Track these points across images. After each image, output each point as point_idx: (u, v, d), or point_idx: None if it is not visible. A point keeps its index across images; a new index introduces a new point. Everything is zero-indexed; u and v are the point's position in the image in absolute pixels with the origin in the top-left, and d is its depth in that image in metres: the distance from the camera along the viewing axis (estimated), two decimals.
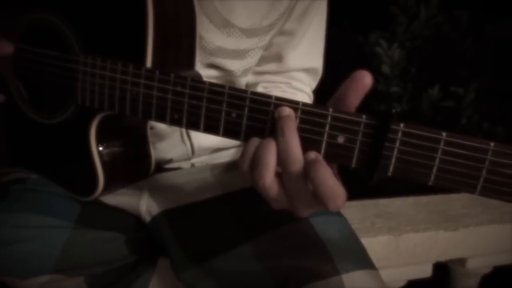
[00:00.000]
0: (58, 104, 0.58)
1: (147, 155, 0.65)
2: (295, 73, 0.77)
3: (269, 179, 0.41)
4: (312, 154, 0.41)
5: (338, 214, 0.63)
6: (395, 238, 0.84)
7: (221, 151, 0.75)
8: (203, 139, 0.70)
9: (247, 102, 0.44)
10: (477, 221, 0.96)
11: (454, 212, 0.99)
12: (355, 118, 0.40)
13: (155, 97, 0.49)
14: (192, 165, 0.72)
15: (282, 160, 0.41)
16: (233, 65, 0.70)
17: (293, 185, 0.41)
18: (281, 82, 0.77)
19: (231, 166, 0.73)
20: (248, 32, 0.69)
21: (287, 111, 0.41)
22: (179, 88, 0.48)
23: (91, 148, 0.56)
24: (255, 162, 0.42)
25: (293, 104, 0.43)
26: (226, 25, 0.67)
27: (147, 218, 0.66)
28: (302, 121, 0.42)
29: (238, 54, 0.70)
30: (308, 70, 0.78)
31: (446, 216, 0.97)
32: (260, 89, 0.77)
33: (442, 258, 1.00)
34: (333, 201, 0.40)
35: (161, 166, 0.71)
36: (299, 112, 0.42)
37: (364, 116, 0.40)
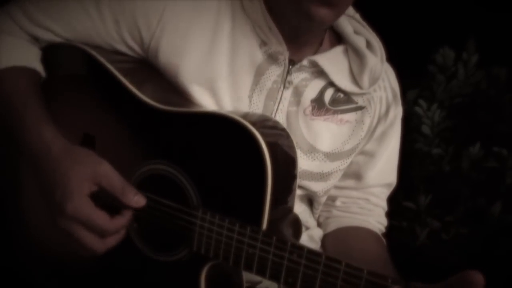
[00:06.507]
0: (171, 245, 0.64)
1: (241, 283, 0.70)
2: (373, 189, 0.82)
3: None
4: None
5: None
6: None
7: None
8: None
9: (363, 282, 0.49)
10: None
11: None
12: None
13: (271, 260, 0.55)
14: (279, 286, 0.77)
15: None
16: (317, 186, 0.76)
17: None
18: (359, 198, 0.82)
19: None
20: (331, 156, 0.75)
21: None
22: (295, 257, 0.53)
23: None
24: None
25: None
26: (311, 150, 0.73)
27: None
28: None
29: (322, 176, 0.76)
30: (384, 185, 0.83)
31: None
32: (338, 203, 0.82)
33: None
34: None
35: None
36: None
37: None
